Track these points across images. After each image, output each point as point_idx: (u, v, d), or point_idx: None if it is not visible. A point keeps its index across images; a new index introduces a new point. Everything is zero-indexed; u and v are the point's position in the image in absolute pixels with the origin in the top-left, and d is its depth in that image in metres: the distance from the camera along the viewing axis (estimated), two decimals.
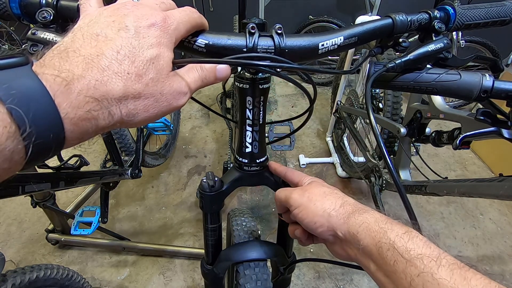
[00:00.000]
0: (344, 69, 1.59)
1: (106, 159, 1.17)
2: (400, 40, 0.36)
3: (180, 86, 0.26)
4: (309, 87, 0.41)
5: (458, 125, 0.82)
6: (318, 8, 2.37)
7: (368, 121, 1.42)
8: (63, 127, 0.20)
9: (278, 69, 0.33)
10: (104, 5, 0.27)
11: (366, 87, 0.35)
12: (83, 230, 1.17)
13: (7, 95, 0.17)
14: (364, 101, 1.46)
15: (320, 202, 0.35)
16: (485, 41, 2.03)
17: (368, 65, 0.37)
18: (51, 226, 1.30)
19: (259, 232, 0.62)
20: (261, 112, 0.44)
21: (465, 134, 0.70)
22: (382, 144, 0.32)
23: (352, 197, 0.36)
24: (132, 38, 0.23)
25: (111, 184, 1.20)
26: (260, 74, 0.40)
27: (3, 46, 2.28)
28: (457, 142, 0.72)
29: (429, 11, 0.36)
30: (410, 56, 0.36)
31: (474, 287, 0.22)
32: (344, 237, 0.32)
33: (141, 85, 0.23)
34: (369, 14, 1.91)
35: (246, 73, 0.40)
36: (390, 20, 0.36)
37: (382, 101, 1.32)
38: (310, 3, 2.37)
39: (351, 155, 1.66)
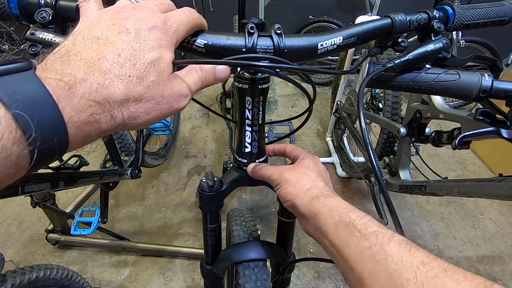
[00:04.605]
0: (344, 69, 1.59)
1: (106, 159, 1.17)
2: (399, 40, 0.36)
3: (181, 88, 0.27)
4: (308, 87, 0.41)
5: (458, 125, 0.82)
6: (318, 8, 2.37)
7: (367, 120, 1.42)
8: (66, 131, 0.20)
9: (277, 70, 0.33)
10: (104, 7, 0.27)
11: (361, 86, 0.35)
12: (83, 230, 1.17)
13: (12, 101, 0.17)
14: (366, 101, 1.46)
15: (292, 184, 0.38)
16: (485, 41, 2.03)
17: (368, 65, 0.37)
18: (51, 226, 1.30)
19: (258, 232, 0.62)
20: (261, 112, 0.44)
21: (464, 134, 0.70)
22: (368, 141, 0.33)
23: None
24: (133, 41, 0.23)
25: (111, 184, 1.20)
26: (259, 74, 0.40)
27: (3, 46, 2.28)
28: (456, 142, 0.72)
29: (428, 11, 0.36)
30: (409, 56, 0.36)
31: (415, 257, 0.25)
32: (304, 215, 0.35)
33: (143, 88, 0.23)
34: (369, 14, 1.91)
35: (245, 73, 0.40)
36: (389, 20, 0.36)
37: (382, 101, 1.32)
38: (310, 3, 2.37)
39: (351, 155, 1.66)
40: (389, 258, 0.25)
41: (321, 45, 0.34)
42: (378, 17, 0.37)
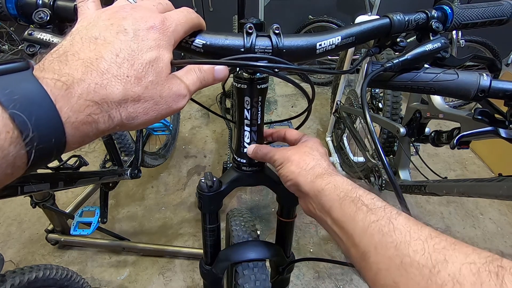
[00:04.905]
0: (344, 69, 1.59)
1: (106, 159, 1.17)
2: (398, 39, 0.37)
3: (179, 88, 0.27)
4: (308, 87, 0.41)
5: (457, 125, 0.82)
6: (317, 8, 2.37)
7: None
8: (64, 131, 0.20)
9: (276, 70, 0.33)
10: (102, 7, 0.27)
11: (362, 86, 0.35)
12: (83, 230, 1.17)
13: (9, 100, 0.17)
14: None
15: (295, 163, 0.38)
16: (485, 41, 2.03)
17: (366, 65, 0.37)
18: (51, 227, 1.30)
19: (258, 232, 0.62)
20: (259, 112, 0.44)
21: (462, 134, 0.70)
22: (377, 141, 0.32)
23: None
24: (131, 41, 0.23)
25: (110, 184, 1.20)
26: (258, 74, 0.40)
27: (3, 47, 2.28)
28: (455, 141, 0.72)
29: (427, 11, 0.36)
30: (408, 55, 0.36)
31: (423, 231, 0.24)
32: (307, 193, 0.35)
33: (141, 88, 0.23)
34: (369, 13, 1.91)
35: (244, 73, 0.40)
36: (387, 20, 0.36)
37: (382, 101, 1.32)
38: (310, 3, 2.36)
39: (350, 155, 1.66)
40: (397, 231, 0.25)
41: (320, 45, 0.34)
42: (377, 17, 0.37)
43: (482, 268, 0.20)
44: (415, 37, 0.39)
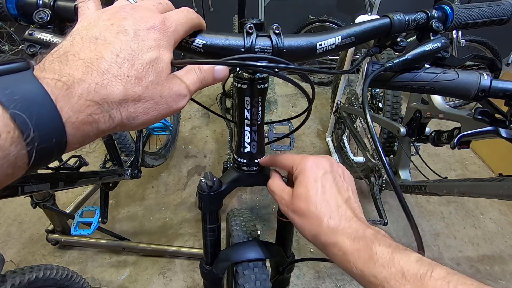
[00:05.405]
0: (344, 68, 1.59)
1: (106, 159, 1.18)
2: (398, 39, 0.36)
3: (179, 88, 0.27)
4: (308, 87, 0.41)
5: (458, 124, 0.82)
6: (317, 8, 2.37)
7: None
8: (65, 131, 0.20)
9: (276, 70, 0.33)
10: (102, 7, 0.27)
11: (364, 87, 0.35)
12: (83, 231, 1.17)
13: (10, 101, 0.17)
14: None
15: (298, 224, 0.35)
16: (485, 41, 2.03)
17: (366, 65, 0.37)
18: (51, 227, 1.30)
19: (258, 232, 0.62)
20: (260, 112, 0.44)
21: (462, 134, 0.70)
22: (377, 142, 0.32)
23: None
24: (132, 41, 0.23)
25: (110, 185, 1.20)
26: (258, 74, 0.40)
27: (3, 47, 2.28)
28: (455, 141, 0.72)
29: (427, 11, 0.36)
30: (408, 55, 0.36)
31: None
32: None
33: (141, 88, 0.23)
34: (369, 13, 1.91)
35: (244, 73, 0.40)
36: (387, 20, 0.36)
37: (382, 101, 1.32)
38: (310, 3, 2.36)
39: (351, 155, 1.66)
40: None
41: (320, 45, 0.34)
42: (377, 16, 0.37)
43: None
44: (415, 37, 0.39)
